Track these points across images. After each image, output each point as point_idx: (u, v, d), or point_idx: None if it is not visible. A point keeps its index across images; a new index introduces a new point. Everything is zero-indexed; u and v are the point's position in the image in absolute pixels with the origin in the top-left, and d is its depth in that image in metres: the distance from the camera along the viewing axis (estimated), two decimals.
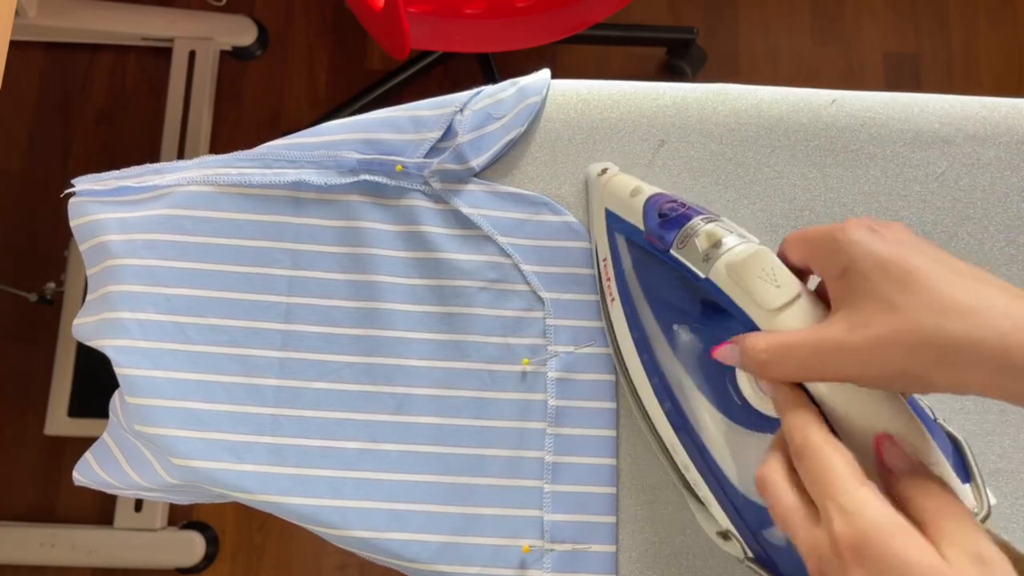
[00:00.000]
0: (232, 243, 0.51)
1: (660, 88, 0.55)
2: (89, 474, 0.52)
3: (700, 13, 1.42)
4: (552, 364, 0.51)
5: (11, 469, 1.25)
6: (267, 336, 0.50)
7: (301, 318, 0.51)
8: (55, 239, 1.27)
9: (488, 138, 0.53)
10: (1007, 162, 0.54)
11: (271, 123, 1.37)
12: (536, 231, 0.52)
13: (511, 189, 0.53)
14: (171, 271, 0.51)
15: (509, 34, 0.97)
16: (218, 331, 0.50)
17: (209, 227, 0.51)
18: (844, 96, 0.55)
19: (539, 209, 0.53)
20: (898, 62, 1.42)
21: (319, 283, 0.51)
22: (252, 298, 0.51)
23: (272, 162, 0.52)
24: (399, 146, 0.52)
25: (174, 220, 0.51)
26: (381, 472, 0.49)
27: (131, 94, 1.37)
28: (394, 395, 0.50)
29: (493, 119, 0.53)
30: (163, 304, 0.50)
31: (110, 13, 1.32)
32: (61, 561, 1.18)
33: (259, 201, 0.52)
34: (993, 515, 0.50)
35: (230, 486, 0.48)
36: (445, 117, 0.53)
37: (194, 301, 0.50)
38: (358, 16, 0.93)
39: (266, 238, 0.52)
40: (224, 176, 0.52)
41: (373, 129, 0.52)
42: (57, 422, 1.18)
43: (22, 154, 1.34)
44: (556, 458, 0.50)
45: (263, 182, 0.52)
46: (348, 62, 1.40)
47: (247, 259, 0.51)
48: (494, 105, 0.53)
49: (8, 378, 1.27)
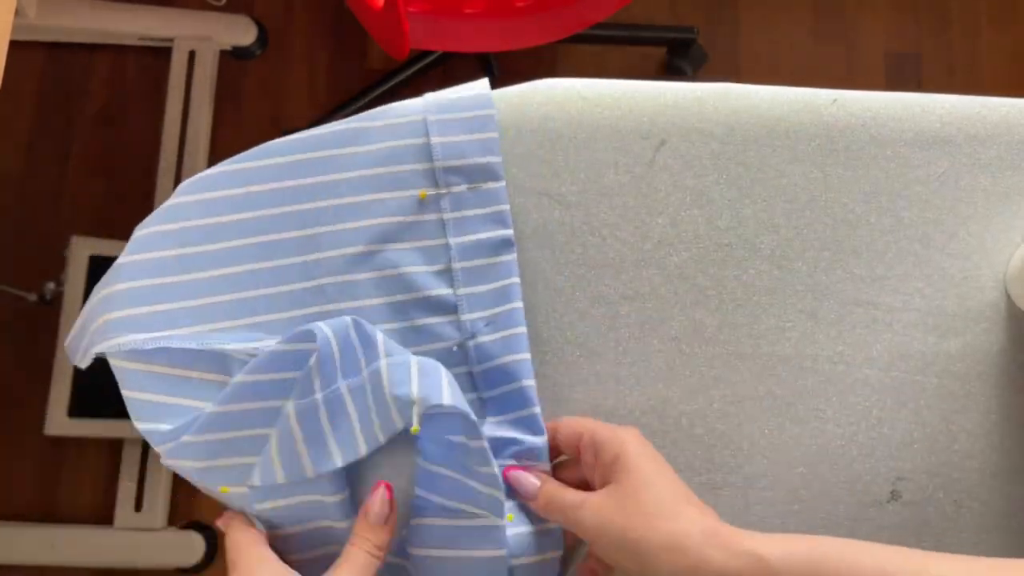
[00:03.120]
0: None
1: (660, 87, 0.55)
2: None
3: (700, 13, 1.42)
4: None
5: (11, 469, 1.25)
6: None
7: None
8: (55, 239, 1.27)
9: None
10: (1007, 162, 0.54)
11: (271, 123, 1.37)
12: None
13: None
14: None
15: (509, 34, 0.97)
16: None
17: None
18: (845, 96, 0.55)
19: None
20: (899, 62, 1.42)
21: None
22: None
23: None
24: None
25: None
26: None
27: (131, 94, 1.37)
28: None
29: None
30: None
31: (110, 13, 1.32)
32: (61, 561, 1.18)
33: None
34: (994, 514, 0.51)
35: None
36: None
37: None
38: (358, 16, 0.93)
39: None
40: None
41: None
42: (57, 422, 1.18)
43: (22, 154, 1.34)
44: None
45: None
46: (348, 62, 1.40)
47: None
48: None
49: (8, 378, 1.27)
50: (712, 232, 0.53)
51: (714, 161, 0.54)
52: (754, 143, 0.54)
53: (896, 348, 0.53)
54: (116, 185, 1.34)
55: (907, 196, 0.54)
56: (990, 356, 0.53)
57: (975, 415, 0.52)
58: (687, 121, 0.54)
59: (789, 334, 0.53)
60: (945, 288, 0.53)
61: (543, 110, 0.54)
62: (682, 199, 0.54)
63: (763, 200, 0.54)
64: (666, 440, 0.51)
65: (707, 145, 0.54)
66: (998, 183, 0.54)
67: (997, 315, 0.53)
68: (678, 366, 0.52)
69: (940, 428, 0.52)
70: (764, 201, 0.54)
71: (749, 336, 0.52)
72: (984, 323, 0.53)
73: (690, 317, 0.52)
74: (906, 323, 0.53)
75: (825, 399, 0.52)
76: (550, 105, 0.55)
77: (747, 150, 0.54)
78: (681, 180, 0.54)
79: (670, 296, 0.53)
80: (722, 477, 0.51)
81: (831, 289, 0.53)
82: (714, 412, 0.52)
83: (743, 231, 0.53)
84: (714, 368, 0.52)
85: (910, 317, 0.53)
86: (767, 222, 0.54)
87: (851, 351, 0.52)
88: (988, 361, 0.53)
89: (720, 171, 0.54)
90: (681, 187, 0.54)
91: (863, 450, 0.52)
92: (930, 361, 0.53)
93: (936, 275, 0.53)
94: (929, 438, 0.52)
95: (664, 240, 0.53)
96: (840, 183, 0.54)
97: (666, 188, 0.54)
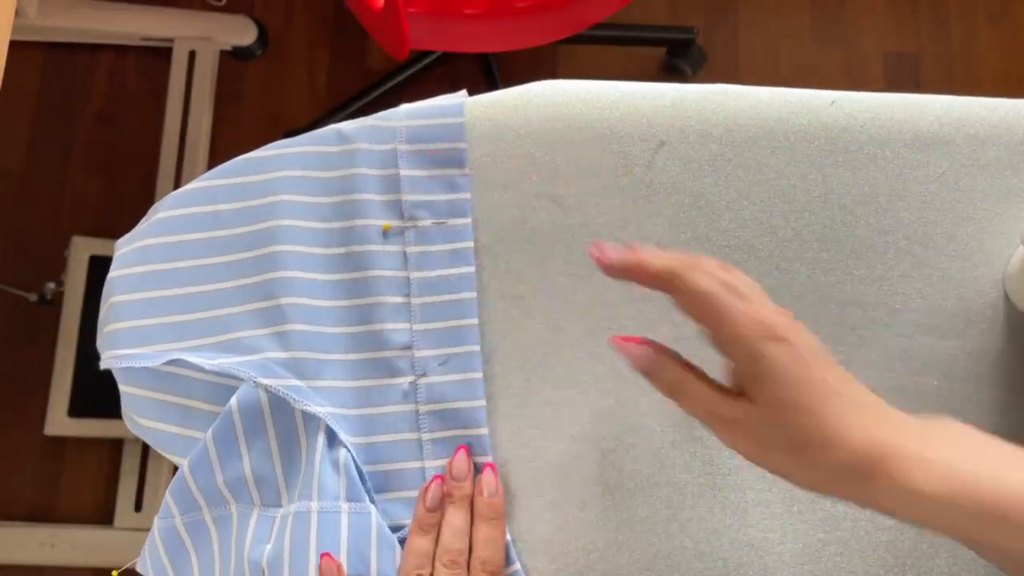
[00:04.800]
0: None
1: (660, 88, 0.55)
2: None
3: (700, 13, 1.42)
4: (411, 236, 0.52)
5: (11, 469, 1.25)
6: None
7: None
8: (55, 239, 1.27)
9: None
10: (1007, 162, 0.54)
11: (271, 123, 1.37)
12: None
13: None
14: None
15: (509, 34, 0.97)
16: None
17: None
18: (844, 97, 0.55)
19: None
20: (898, 62, 1.42)
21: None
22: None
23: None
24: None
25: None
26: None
27: (131, 94, 1.37)
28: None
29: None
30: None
31: (110, 13, 1.32)
32: (61, 561, 1.18)
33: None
34: None
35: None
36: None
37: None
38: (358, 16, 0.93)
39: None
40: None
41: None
42: (57, 422, 1.18)
43: (22, 154, 1.34)
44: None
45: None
46: (348, 62, 1.40)
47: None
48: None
49: (8, 378, 1.27)
50: (711, 233, 0.54)
51: (713, 162, 0.54)
52: (753, 144, 0.54)
53: (895, 349, 0.53)
54: (116, 185, 1.34)
55: (906, 197, 0.54)
56: (989, 357, 0.53)
57: (974, 416, 0.52)
58: (686, 123, 0.54)
59: None
60: (944, 289, 0.53)
61: (542, 112, 0.54)
62: (681, 200, 0.54)
63: (762, 201, 0.54)
64: (665, 441, 0.52)
65: (706, 146, 0.54)
66: (997, 184, 0.54)
67: (996, 316, 0.53)
68: None
69: None
70: (763, 202, 0.54)
71: None
72: (983, 324, 0.53)
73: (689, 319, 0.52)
74: (905, 324, 0.53)
75: None
76: (549, 107, 0.55)
77: (746, 151, 0.54)
78: (680, 182, 0.54)
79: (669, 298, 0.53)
80: (722, 478, 0.51)
81: (830, 290, 0.53)
82: None
83: (742, 232, 0.54)
84: (715, 369, 0.52)
85: (909, 318, 0.53)
86: (766, 223, 0.54)
87: (850, 352, 0.53)
88: (987, 362, 0.53)
89: (719, 172, 0.54)
90: (680, 188, 0.54)
91: None
92: (929, 362, 0.53)
93: (935, 276, 0.53)
94: None
95: (663, 242, 0.53)
96: (839, 184, 0.54)
97: (665, 190, 0.54)
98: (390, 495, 0.50)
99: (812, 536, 0.50)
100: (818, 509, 0.51)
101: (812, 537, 0.50)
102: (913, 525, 0.37)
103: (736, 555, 0.50)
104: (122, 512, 1.19)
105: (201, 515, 0.48)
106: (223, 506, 0.48)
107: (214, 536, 0.48)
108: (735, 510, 0.51)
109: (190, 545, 0.48)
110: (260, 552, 0.46)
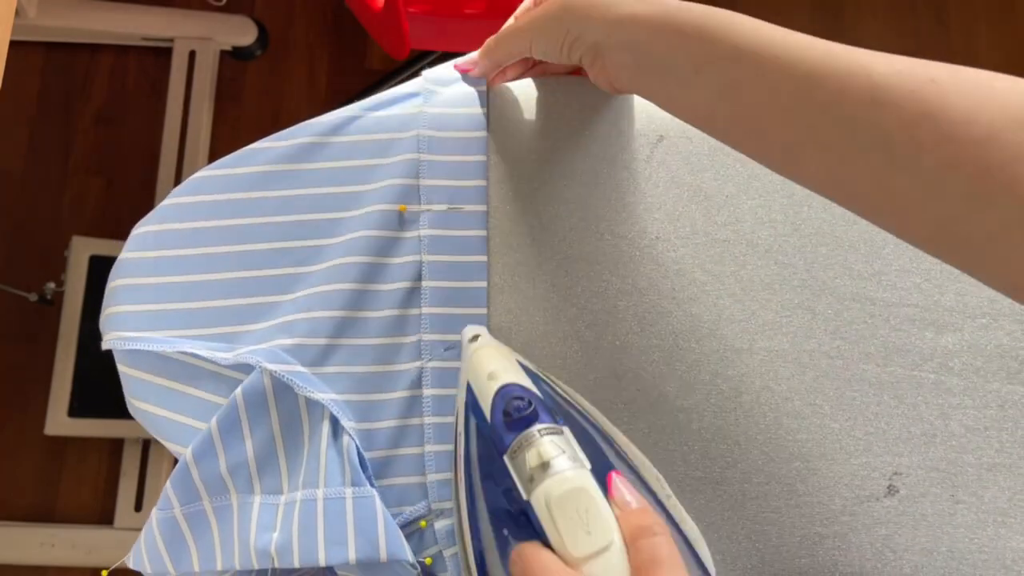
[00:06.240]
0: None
1: None
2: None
3: None
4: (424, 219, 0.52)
5: (11, 469, 1.25)
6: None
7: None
8: (55, 239, 1.27)
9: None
10: None
11: (271, 123, 1.37)
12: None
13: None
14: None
15: None
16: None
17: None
18: None
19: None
20: None
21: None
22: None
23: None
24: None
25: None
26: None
27: (131, 94, 1.37)
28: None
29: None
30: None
31: (110, 13, 1.32)
32: (61, 561, 1.18)
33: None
34: (991, 509, 0.51)
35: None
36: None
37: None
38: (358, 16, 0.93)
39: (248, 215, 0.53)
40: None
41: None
42: (57, 422, 1.18)
43: (22, 154, 1.35)
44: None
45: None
46: (348, 62, 1.40)
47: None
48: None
49: (8, 378, 1.27)
50: (710, 227, 0.54)
51: (711, 157, 0.54)
52: None
53: (893, 343, 0.53)
54: (116, 185, 1.34)
55: None
56: (987, 351, 0.53)
57: (972, 410, 0.52)
58: None
59: (786, 329, 0.53)
60: (942, 283, 0.53)
61: (541, 107, 0.55)
62: (680, 195, 0.54)
63: (760, 196, 0.54)
64: (663, 435, 0.52)
65: (705, 141, 0.54)
66: None
67: (994, 310, 0.53)
68: (675, 361, 0.52)
69: (937, 423, 0.52)
70: (761, 196, 0.54)
71: (746, 331, 0.52)
72: (981, 318, 0.53)
73: (687, 312, 0.53)
74: (903, 318, 0.53)
75: (822, 394, 0.52)
76: (548, 102, 0.55)
77: None
78: (679, 176, 0.54)
79: (668, 291, 0.53)
80: (719, 472, 0.51)
81: (828, 284, 0.53)
82: (711, 407, 0.52)
83: (740, 227, 0.54)
84: (711, 363, 0.52)
85: (907, 312, 0.53)
86: (764, 217, 0.54)
87: (848, 346, 0.53)
88: (985, 356, 0.53)
89: (718, 167, 0.54)
90: (679, 183, 0.54)
91: (860, 445, 0.52)
92: (927, 356, 0.53)
93: (933, 270, 0.53)
94: (926, 433, 0.52)
95: (662, 236, 0.53)
96: None
97: (664, 184, 0.54)
98: (390, 480, 0.50)
99: (809, 530, 0.50)
100: (815, 503, 0.51)
101: (809, 531, 0.50)
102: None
103: (733, 548, 0.50)
104: (122, 512, 1.19)
105: (201, 505, 0.48)
106: (224, 495, 0.48)
107: (214, 526, 0.48)
108: (732, 504, 0.51)
109: (189, 535, 0.48)
110: (267, 540, 0.46)
